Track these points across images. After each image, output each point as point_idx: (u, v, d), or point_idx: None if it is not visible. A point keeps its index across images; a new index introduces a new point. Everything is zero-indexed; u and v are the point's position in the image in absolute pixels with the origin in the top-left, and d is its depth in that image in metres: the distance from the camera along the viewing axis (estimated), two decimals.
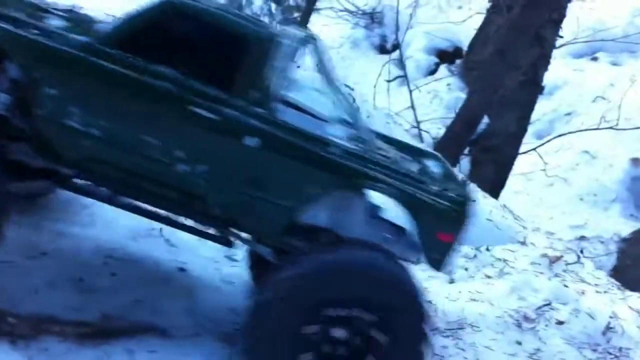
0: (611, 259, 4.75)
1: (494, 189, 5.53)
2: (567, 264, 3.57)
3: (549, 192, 6.61)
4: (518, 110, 5.90)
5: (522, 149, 6.44)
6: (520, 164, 6.45)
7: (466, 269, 3.46)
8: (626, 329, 3.18)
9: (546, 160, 6.89)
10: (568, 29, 7.22)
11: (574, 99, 7.32)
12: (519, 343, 3.01)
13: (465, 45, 7.37)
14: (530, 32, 5.87)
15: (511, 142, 5.81)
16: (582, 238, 5.03)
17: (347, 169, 2.26)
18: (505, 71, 5.81)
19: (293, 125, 2.26)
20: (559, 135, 6.65)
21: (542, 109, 7.09)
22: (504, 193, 5.97)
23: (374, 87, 7.11)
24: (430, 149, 2.94)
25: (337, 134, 2.40)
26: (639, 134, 6.61)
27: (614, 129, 5.92)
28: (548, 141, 6.62)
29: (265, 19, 7.79)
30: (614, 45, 7.60)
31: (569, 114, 7.20)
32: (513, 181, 6.25)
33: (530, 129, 6.76)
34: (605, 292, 3.38)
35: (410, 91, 5.97)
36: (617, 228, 5.84)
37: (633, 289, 4.06)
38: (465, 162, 5.31)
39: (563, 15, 6.26)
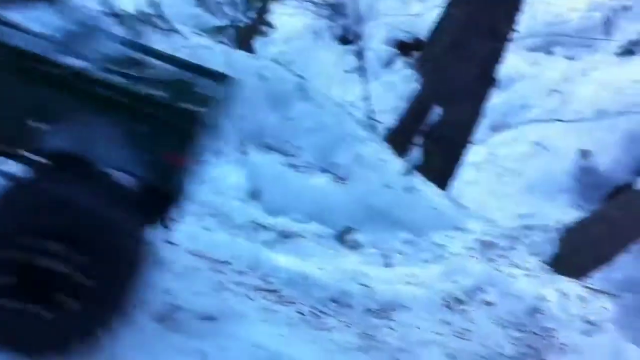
0: (552, 246, 4.91)
1: (445, 178, 5.67)
2: (501, 249, 3.73)
3: (500, 182, 6.78)
4: (472, 102, 6.03)
5: (475, 140, 6.62)
6: (473, 155, 6.62)
7: (404, 254, 3.60)
8: (552, 311, 3.34)
9: (499, 151, 7.07)
10: (524, 22, 7.39)
11: (529, 92, 7.49)
12: (448, 323, 3.15)
13: (425, 37, 7.51)
14: (486, 25, 6.03)
15: (463, 133, 5.94)
16: (526, 227, 5.19)
17: (75, 88, 2.19)
18: (459, 63, 5.95)
19: (10, 44, 2.16)
20: (509, 128, 6.84)
21: (497, 101, 7.25)
22: (456, 183, 6.10)
23: (331, 77, 7.25)
24: (216, 69, 2.87)
25: (67, 52, 2.30)
26: (589, 127, 6.82)
27: (561, 121, 6.11)
28: (498, 133, 6.83)
29: (229, 9, 7.85)
30: (570, 39, 7.79)
31: (523, 106, 7.38)
32: (466, 172, 6.40)
33: (485, 121, 6.92)
34: (534, 276, 3.54)
35: (365, 82, 6.09)
36: (563, 218, 6.01)
37: (572, 276, 4.23)
38: (417, 152, 5.40)
39: (519, 9, 6.39)
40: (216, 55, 4.38)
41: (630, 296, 5.28)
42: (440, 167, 5.64)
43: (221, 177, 3.74)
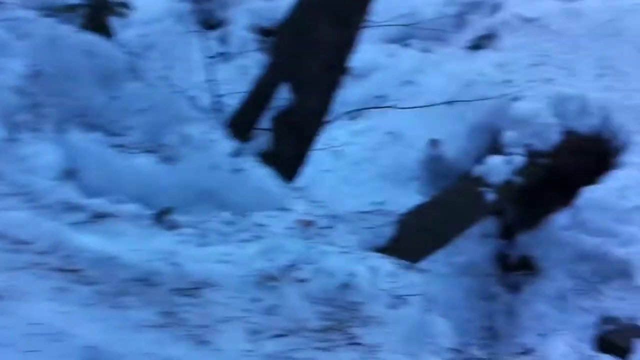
0: (390, 230, 5.08)
1: (294, 165, 5.69)
2: (322, 229, 3.80)
3: (355, 170, 6.94)
4: (321, 89, 6.10)
5: (331, 128, 6.74)
6: (330, 143, 6.73)
7: (223, 234, 3.59)
8: (362, 286, 3.43)
9: (354, 140, 7.24)
10: (382, 14, 7.60)
11: (385, 82, 7.72)
12: (258, 300, 3.17)
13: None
14: (337, 12, 6.11)
15: (313, 121, 6.00)
16: (366, 211, 5.34)
17: None
18: (309, 50, 6.01)
19: None
20: (365, 117, 7.05)
21: (354, 91, 7.42)
22: (311, 171, 6.17)
23: (191, 61, 7.14)
24: None
25: None
26: (438, 117, 7.11)
27: (394, 107, 6.35)
28: (354, 122, 7.02)
29: None
30: (424, 32, 8.09)
31: (379, 97, 7.58)
32: (321, 159, 6.51)
33: (341, 110, 7.06)
34: (350, 253, 3.62)
35: (215, 65, 6.04)
36: (411, 204, 6.24)
37: (406, 257, 4.38)
38: (263, 137, 5.39)
39: None
40: (39, 28, 4.18)
41: (442, 271, 5.58)
42: (289, 154, 5.67)
43: (34, 155, 3.58)
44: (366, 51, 7.52)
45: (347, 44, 6.73)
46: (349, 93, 7.34)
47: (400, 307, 3.40)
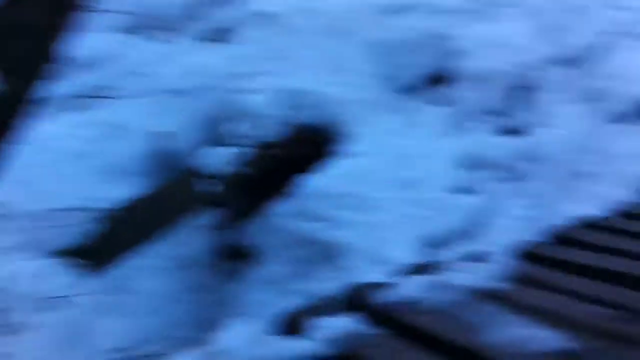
0: (90, 227, 4.81)
1: None
2: None
3: (73, 165, 6.51)
4: (25, 77, 5.60)
5: (51, 120, 6.27)
6: (41, 136, 6.24)
7: None
8: (9, 291, 3.14)
9: (73, 132, 6.81)
10: (115, 1, 7.27)
11: (114, 73, 7.38)
12: None
13: None
14: None
15: (12, 111, 5.50)
16: (68, 209, 5.00)
17: None
18: (13, 34, 5.49)
19: None
20: (89, 109, 6.66)
21: (78, 81, 7.00)
22: (13, 167, 5.62)
23: None
24: None
25: None
26: (166, 109, 6.94)
27: (116, 97, 6.09)
28: (76, 114, 6.61)
29: None
30: (159, 22, 7.88)
31: (105, 87, 7.22)
32: (29, 154, 5.96)
33: (61, 101, 6.60)
34: (4, 255, 3.31)
35: None
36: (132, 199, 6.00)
37: (105, 255, 4.13)
38: None
39: None
40: None
41: (160, 265, 5.46)
42: None
43: None
44: (94, 40, 7.15)
45: (59, 30, 6.28)
46: (71, 83, 6.91)
47: (58, 310, 3.17)
